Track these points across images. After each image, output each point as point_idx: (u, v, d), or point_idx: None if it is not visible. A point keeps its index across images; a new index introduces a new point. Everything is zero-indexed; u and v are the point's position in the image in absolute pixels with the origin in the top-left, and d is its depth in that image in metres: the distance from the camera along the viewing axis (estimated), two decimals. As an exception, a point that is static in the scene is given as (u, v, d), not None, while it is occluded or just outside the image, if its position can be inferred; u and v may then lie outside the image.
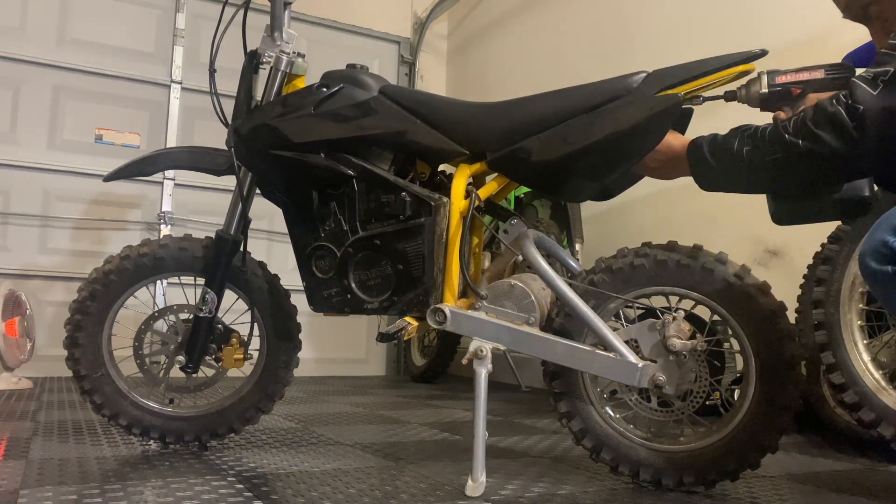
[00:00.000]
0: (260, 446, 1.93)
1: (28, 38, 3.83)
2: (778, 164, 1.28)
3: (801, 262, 2.65)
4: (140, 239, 3.94)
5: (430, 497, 1.44)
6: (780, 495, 1.54)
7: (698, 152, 1.39)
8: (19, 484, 1.44)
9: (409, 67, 4.97)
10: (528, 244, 1.57)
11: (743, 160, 1.31)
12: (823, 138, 1.21)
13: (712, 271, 1.49)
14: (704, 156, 1.38)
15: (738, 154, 1.32)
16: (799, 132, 1.24)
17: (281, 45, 1.82)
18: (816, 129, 1.22)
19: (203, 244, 1.87)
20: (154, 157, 1.88)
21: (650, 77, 1.48)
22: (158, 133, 4.11)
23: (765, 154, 1.29)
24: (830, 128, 1.20)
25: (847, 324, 1.99)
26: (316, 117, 1.70)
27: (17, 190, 3.76)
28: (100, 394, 1.82)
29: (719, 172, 1.37)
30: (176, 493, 1.40)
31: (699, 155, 1.39)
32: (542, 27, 4.22)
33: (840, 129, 1.19)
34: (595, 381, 1.61)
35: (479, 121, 1.61)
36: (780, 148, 1.26)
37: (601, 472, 1.71)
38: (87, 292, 1.81)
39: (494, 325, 1.54)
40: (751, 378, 1.48)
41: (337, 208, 1.73)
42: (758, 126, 1.32)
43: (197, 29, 4.24)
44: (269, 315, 1.91)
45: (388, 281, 1.68)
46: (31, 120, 3.82)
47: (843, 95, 1.20)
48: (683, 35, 3.26)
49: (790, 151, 1.25)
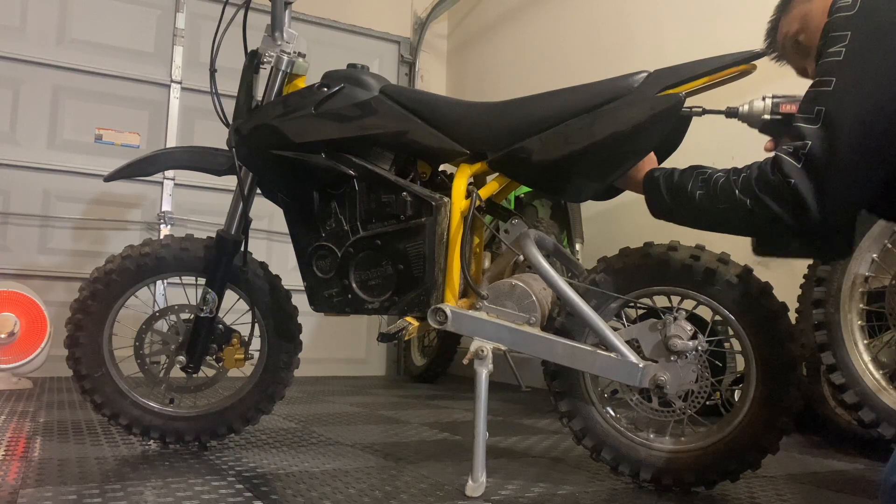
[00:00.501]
0: (260, 446, 1.93)
1: (28, 38, 3.83)
2: (726, 214, 1.31)
3: (801, 262, 2.65)
4: (140, 239, 3.95)
5: (430, 497, 1.44)
6: (780, 495, 1.54)
7: (654, 185, 1.43)
8: (19, 484, 1.44)
9: (409, 67, 4.96)
10: (529, 244, 1.57)
11: (695, 202, 1.35)
12: (767, 204, 1.24)
13: (714, 272, 1.49)
14: (660, 190, 1.42)
15: (692, 196, 1.35)
16: (746, 192, 1.27)
17: (281, 45, 1.82)
18: (760, 193, 1.25)
19: (204, 244, 1.87)
20: (154, 157, 1.88)
21: (651, 77, 1.48)
22: (158, 133, 4.10)
23: (716, 202, 1.32)
24: (774, 196, 1.23)
25: (847, 324, 1.99)
26: (317, 117, 1.70)
27: (17, 190, 3.76)
28: (100, 393, 1.82)
29: (672, 208, 1.41)
30: (176, 493, 1.40)
31: (655, 188, 1.43)
32: (542, 27, 4.22)
33: (783, 199, 1.22)
34: (596, 381, 1.61)
35: (479, 121, 1.61)
36: (730, 201, 1.29)
37: (601, 472, 1.71)
38: (89, 292, 1.81)
39: (495, 325, 1.54)
40: (752, 378, 1.48)
41: (338, 208, 1.72)
42: (713, 171, 1.35)
43: (197, 29, 4.24)
44: (269, 315, 1.91)
45: (388, 281, 1.68)
46: (31, 120, 3.82)
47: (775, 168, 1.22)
48: (683, 35, 3.26)
49: (739, 207, 1.28)
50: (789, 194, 1.21)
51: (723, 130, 2.93)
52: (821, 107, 1.20)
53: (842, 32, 1.20)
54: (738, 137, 2.62)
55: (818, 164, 1.19)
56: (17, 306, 3.22)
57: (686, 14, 3.26)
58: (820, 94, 1.21)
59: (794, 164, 1.20)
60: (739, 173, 1.29)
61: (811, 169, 1.19)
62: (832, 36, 1.22)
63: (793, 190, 1.20)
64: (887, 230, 1.98)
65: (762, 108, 1.44)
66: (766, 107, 1.43)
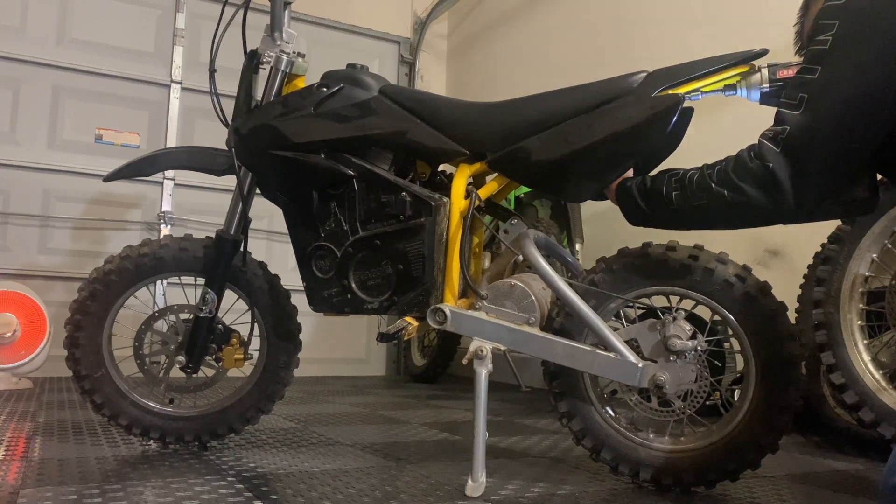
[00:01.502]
0: (260, 446, 1.93)
1: (28, 38, 3.83)
2: (705, 209, 1.33)
3: (801, 262, 2.65)
4: (140, 239, 3.94)
5: (430, 497, 1.44)
6: (780, 495, 1.54)
7: (627, 195, 1.45)
8: (19, 484, 1.44)
9: (409, 67, 4.96)
10: (529, 244, 1.56)
11: (672, 203, 1.37)
12: (747, 191, 1.26)
13: (713, 271, 1.49)
14: (635, 198, 1.44)
15: (668, 198, 1.37)
16: (723, 183, 1.29)
17: (281, 45, 1.82)
18: (739, 181, 1.27)
19: (203, 244, 1.87)
20: (154, 157, 1.88)
21: (650, 77, 1.48)
22: (158, 133, 4.10)
23: (692, 199, 1.33)
24: (752, 182, 1.25)
25: (847, 324, 1.99)
26: (316, 117, 1.70)
27: (17, 190, 3.76)
28: (100, 394, 1.82)
29: (649, 213, 1.43)
30: (176, 493, 1.40)
31: (629, 197, 1.45)
32: (542, 27, 4.22)
33: (760, 183, 1.24)
34: (595, 382, 1.61)
35: (479, 121, 1.61)
36: (707, 195, 1.31)
37: (601, 472, 1.71)
38: (88, 292, 1.81)
39: (495, 325, 1.54)
40: (751, 378, 1.48)
41: (337, 208, 1.72)
42: (686, 171, 1.37)
43: (197, 29, 4.24)
44: (269, 315, 1.91)
45: (388, 281, 1.68)
46: (31, 120, 3.82)
47: (753, 153, 1.25)
48: (683, 35, 3.26)
49: (716, 200, 1.30)
50: (768, 178, 1.23)
51: (723, 127, 2.93)
52: (804, 94, 1.23)
53: (830, 21, 1.22)
54: (739, 138, 2.62)
55: (796, 149, 1.21)
56: (17, 306, 3.22)
57: (685, 14, 3.26)
58: (805, 80, 1.23)
59: (773, 148, 1.24)
60: (713, 167, 1.32)
61: (789, 153, 1.22)
62: (821, 24, 1.24)
63: (771, 174, 1.23)
64: (887, 230, 1.98)
65: (759, 78, 1.43)
66: (763, 77, 1.43)
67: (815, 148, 1.21)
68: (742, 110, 2.87)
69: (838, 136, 1.20)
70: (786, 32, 2.81)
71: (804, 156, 1.21)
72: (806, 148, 1.21)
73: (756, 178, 1.25)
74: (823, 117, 1.20)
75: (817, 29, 1.24)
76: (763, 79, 1.43)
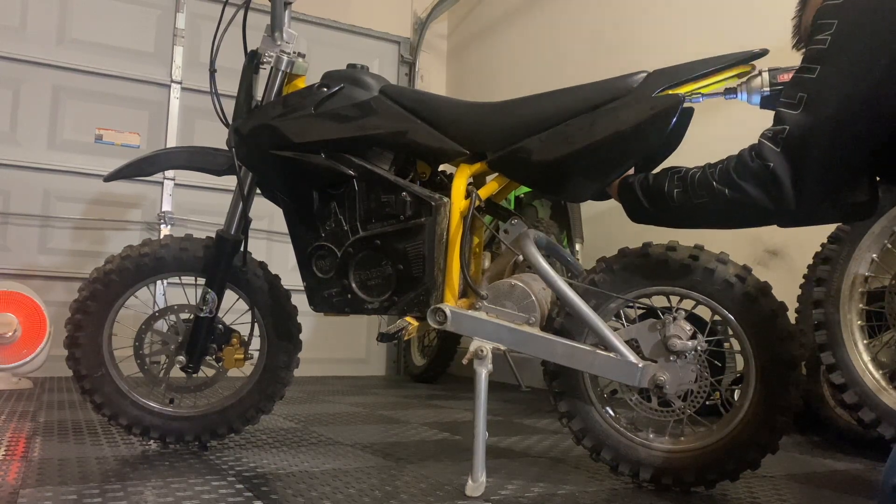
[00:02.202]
0: (260, 446, 1.93)
1: (28, 38, 3.83)
2: (706, 208, 1.33)
3: (801, 262, 2.66)
4: (140, 239, 3.95)
5: (430, 497, 1.44)
6: (780, 495, 1.54)
7: (630, 191, 1.46)
8: (19, 484, 1.44)
9: (409, 67, 4.96)
10: (529, 244, 1.57)
11: (674, 201, 1.37)
12: (747, 190, 1.27)
13: (713, 271, 1.49)
14: (637, 195, 1.44)
15: (669, 195, 1.38)
16: (724, 182, 1.29)
17: (281, 45, 1.82)
18: (740, 180, 1.27)
19: (204, 244, 1.87)
20: (154, 157, 1.88)
21: (651, 77, 1.48)
22: (158, 133, 4.10)
23: (694, 198, 1.34)
24: (753, 181, 1.26)
25: (847, 324, 1.99)
26: (316, 117, 1.70)
27: (17, 190, 3.76)
28: (100, 394, 1.82)
29: (650, 210, 1.43)
30: (176, 493, 1.40)
31: (631, 194, 1.45)
32: (542, 27, 4.22)
33: (761, 183, 1.25)
34: (595, 381, 1.61)
35: (479, 121, 1.61)
36: (708, 194, 1.32)
37: (601, 472, 1.71)
38: (88, 292, 1.81)
39: (495, 324, 1.54)
40: (751, 378, 1.48)
41: (337, 208, 1.73)
42: (688, 169, 1.37)
43: (197, 29, 4.24)
44: (269, 315, 1.91)
45: (388, 281, 1.68)
46: (31, 120, 3.82)
47: (754, 153, 1.26)
48: (683, 35, 3.26)
49: (717, 198, 1.31)
50: (768, 178, 1.24)
51: (723, 127, 2.93)
52: (803, 93, 1.23)
53: (829, 20, 1.22)
54: (739, 138, 2.62)
55: (796, 148, 1.22)
56: (17, 306, 3.22)
57: (686, 14, 3.26)
58: (804, 80, 1.23)
59: (773, 147, 1.24)
60: (716, 166, 1.32)
61: (788, 153, 1.22)
62: (820, 23, 1.24)
63: (771, 173, 1.23)
64: (887, 230, 1.98)
65: (760, 82, 1.44)
66: (763, 81, 1.43)
67: (815, 147, 1.21)
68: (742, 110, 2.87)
69: (838, 136, 1.20)
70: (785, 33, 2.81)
71: (804, 155, 1.21)
72: (806, 147, 1.21)
73: (757, 178, 1.25)
74: (823, 117, 1.20)
75: (816, 28, 1.24)
76: (764, 83, 1.43)
